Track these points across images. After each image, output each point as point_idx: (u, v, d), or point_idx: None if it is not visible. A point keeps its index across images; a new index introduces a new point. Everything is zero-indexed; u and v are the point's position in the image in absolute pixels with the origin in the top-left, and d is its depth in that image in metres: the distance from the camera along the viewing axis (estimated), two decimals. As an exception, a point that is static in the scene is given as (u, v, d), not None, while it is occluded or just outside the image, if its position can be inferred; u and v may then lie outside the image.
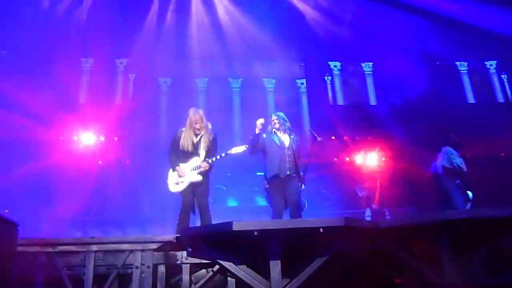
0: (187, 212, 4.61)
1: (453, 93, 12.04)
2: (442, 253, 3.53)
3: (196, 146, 4.74)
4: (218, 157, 4.79)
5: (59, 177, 8.88)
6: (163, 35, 11.15)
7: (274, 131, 5.07)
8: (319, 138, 5.33)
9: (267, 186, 5.07)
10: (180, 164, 4.68)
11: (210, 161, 4.70)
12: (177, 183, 4.67)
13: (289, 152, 4.96)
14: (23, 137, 8.88)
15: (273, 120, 5.13)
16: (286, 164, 4.88)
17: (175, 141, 4.80)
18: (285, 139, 5.04)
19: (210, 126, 4.93)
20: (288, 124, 5.22)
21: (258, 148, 5.01)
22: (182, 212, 4.60)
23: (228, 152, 4.85)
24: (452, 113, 11.04)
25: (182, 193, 4.65)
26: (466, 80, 12.29)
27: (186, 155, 4.71)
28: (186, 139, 4.72)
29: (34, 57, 9.99)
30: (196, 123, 4.73)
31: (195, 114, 4.80)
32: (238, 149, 4.91)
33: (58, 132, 9.50)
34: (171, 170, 4.75)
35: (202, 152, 4.74)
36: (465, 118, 10.64)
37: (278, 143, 4.99)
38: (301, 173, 5.08)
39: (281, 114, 5.30)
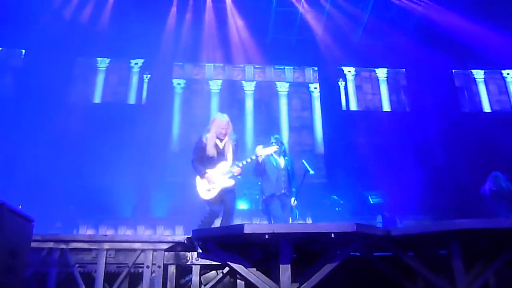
0: (213, 218, 4.61)
1: (468, 101, 11.92)
2: (454, 263, 3.48)
3: (222, 151, 4.72)
4: (248, 160, 4.82)
5: (73, 176, 9.00)
6: (179, 37, 11.26)
7: (272, 153, 5.38)
8: (311, 171, 5.87)
9: (264, 198, 5.57)
10: (208, 171, 4.63)
11: (240, 164, 4.70)
12: (209, 190, 4.62)
13: (283, 172, 5.55)
14: (38, 135, 9.04)
15: (272, 143, 5.51)
16: (281, 184, 5.48)
17: (199, 147, 4.75)
18: (281, 160, 5.52)
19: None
20: (284, 147, 5.75)
21: (262, 171, 5.46)
22: (207, 218, 4.58)
23: (258, 155, 4.94)
24: (462, 121, 10.95)
25: (212, 200, 4.61)
26: (482, 88, 12.13)
27: (213, 161, 4.68)
28: (212, 144, 4.70)
29: (52, 56, 10.16)
30: (223, 128, 4.73)
31: (222, 119, 4.80)
32: (267, 151, 5.00)
33: (71, 130, 9.61)
34: (198, 178, 4.69)
35: (229, 156, 4.72)
36: (482, 126, 10.52)
37: (275, 164, 5.50)
38: (293, 189, 5.71)
39: (278, 136, 5.79)
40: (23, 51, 11.12)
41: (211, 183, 4.61)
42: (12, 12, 10.04)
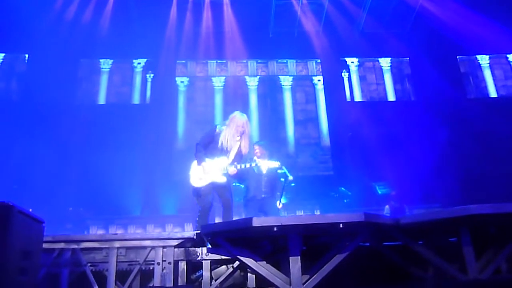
0: (207, 210, 4.60)
1: (473, 87, 11.82)
2: (465, 250, 3.47)
3: (227, 147, 4.72)
4: (248, 165, 4.79)
5: (81, 177, 9.07)
6: (180, 35, 11.27)
7: (255, 159, 5.38)
8: (290, 177, 5.71)
9: (244, 205, 5.81)
10: (207, 160, 4.63)
11: (238, 166, 4.68)
12: (200, 179, 4.60)
13: (265, 178, 5.70)
14: (46, 138, 9.11)
15: (256, 150, 5.65)
16: (261, 188, 5.69)
17: (209, 135, 4.76)
18: (264, 165, 5.29)
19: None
20: (268, 152, 5.76)
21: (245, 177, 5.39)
22: (202, 210, 4.59)
23: (259, 165, 4.96)
24: (468, 107, 10.86)
25: (203, 190, 4.60)
26: (487, 74, 12.02)
27: (215, 153, 4.67)
28: (227, 138, 4.68)
29: (55, 59, 10.21)
30: (239, 126, 4.71)
31: (241, 118, 4.78)
32: (269, 164, 5.12)
33: (78, 132, 9.68)
34: (194, 163, 4.67)
35: (232, 154, 4.71)
36: (488, 112, 10.44)
37: (256, 170, 5.46)
38: (278, 193, 5.84)
39: (263, 143, 5.87)
40: (27, 55, 11.18)
41: (205, 173, 4.59)
42: (14, 18, 10.10)
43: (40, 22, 10.23)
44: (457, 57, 11.85)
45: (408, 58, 12.09)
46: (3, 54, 11.24)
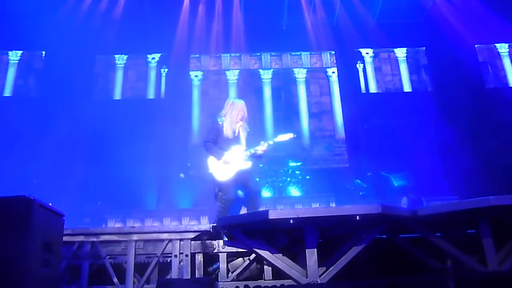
0: (230, 203, 4.57)
1: (492, 76, 11.56)
2: (484, 241, 3.42)
3: (236, 135, 4.72)
4: (270, 142, 4.72)
5: (98, 171, 9.20)
6: (194, 29, 11.29)
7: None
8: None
9: None
10: (224, 153, 4.60)
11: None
12: (225, 172, 4.56)
13: None
14: (63, 134, 9.26)
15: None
16: None
17: (214, 129, 4.74)
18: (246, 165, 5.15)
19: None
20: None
21: None
22: (225, 203, 4.54)
23: (275, 139, 4.79)
24: (487, 97, 10.64)
25: (226, 184, 4.56)
26: (507, 62, 11.72)
27: (228, 144, 4.65)
28: (228, 126, 4.69)
29: (71, 56, 10.35)
30: (239, 110, 4.73)
31: (238, 102, 4.82)
32: (284, 137, 4.86)
33: (94, 127, 9.81)
34: (212, 160, 4.63)
35: (243, 139, 4.71)
36: (508, 102, 10.22)
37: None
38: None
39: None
40: (44, 52, 11.36)
41: (227, 165, 4.56)
42: (30, 16, 10.24)
43: (56, 19, 10.36)
44: (475, 45, 11.57)
45: (424, 48, 11.88)
46: (20, 52, 11.43)
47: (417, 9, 11.15)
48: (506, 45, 11.74)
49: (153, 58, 11.78)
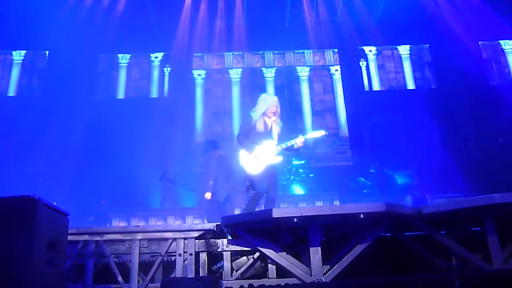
0: (258, 200, 4.63)
1: (496, 73, 11.49)
2: (489, 239, 3.41)
3: (269, 130, 4.78)
4: (307, 136, 4.79)
5: (102, 171, 9.22)
6: (196, 28, 11.30)
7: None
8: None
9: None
10: (256, 147, 4.67)
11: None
12: (255, 165, 4.62)
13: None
14: (67, 133, 9.31)
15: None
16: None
17: (247, 123, 4.85)
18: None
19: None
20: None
21: None
22: (252, 200, 4.60)
23: (307, 136, 4.84)
24: (493, 94, 10.58)
25: (259, 177, 4.62)
26: (511, 59, 11.65)
27: (260, 138, 4.71)
28: (261, 121, 4.75)
29: (74, 55, 10.38)
30: (273, 106, 4.76)
31: (271, 98, 4.86)
32: (316, 134, 4.95)
33: (98, 126, 9.83)
34: (243, 153, 4.72)
35: (275, 135, 4.77)
36: (509, 99, 10.15)
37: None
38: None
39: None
40: (47, 52, 11.39)
41: (258, 159, 4.62)
42: (34, 15, 10.27)
43: (59, 19, 10.39)
44: (479, 42, 11.51)
45: (428, 45, 11.82)
46: (24, 51, 11.47)
47: (420, 6, 11.10)
48: (511, 41, 11.66)
49: (156, 57, 11.79)
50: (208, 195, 6.26)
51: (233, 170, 6.30)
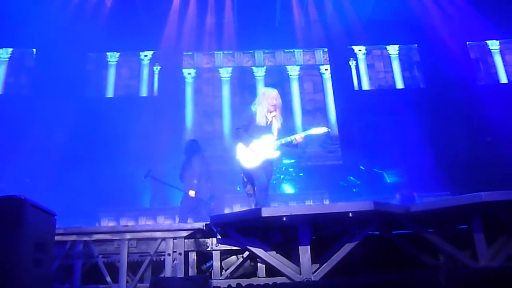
0: (265, 190, 4.55)
1: (484, 73, 11.65)
2: (476, 237, 3.46)
3: (269, 125, 4.71)
4: (308, 132, 4.75)
5: (91, 170, 9.14)
6: (186, 27, 11.25)
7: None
8: None
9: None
10: (254, 141, 4.61)
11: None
12: (252, 159, 4.56)
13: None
14: (55, 132, 9.21)
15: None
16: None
17: (246, 117, 4.79)
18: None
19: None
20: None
21: None
22: (259, 192, 4.50)
23: (308, 132, 4.80)
24: (480, 94, 10.71)
25: (257, 170, 4.55)
26: (498, 59, 11.81)
27: (259, 132, 4.65)
28: (261, 115, 4.68)
29: (63, 53, 10.25)
30: (273, 99, 4.70)
31: (271, 92, 4.79)
32: (318, 130, 4.87)
33: (87, 125, 9.75)
34: (240, 146, 4.67)
35: (274, 129, 4.71)
36: (497, 99, 10.30)
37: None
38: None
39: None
40: (35, 50, 11.24)
41: (256, 153, 4.56)
42: (21, 12, 10.13)
43: (47, 16, 10.25)
44: (467, 43, 11.65)
45: (416, 45, 11.92)
46: (11, 49, 11.30)
47: (409, 6, 11.18)
48: (497, 42, 11.82)
49: (146, 56, 11.71)
50: (192, 193, 6.30)
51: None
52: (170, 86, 11.18)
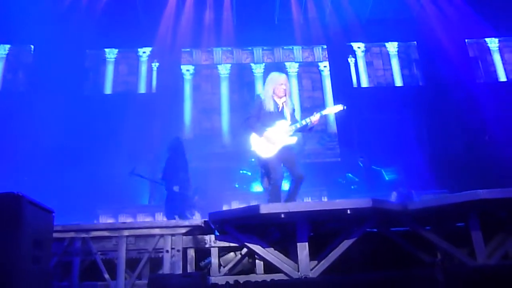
0: (279, 185, 4.29)
1: (483, 71, 11.65)
2: (473, 235, 3.47)
3: (280, 110, 4.48)
4: (322, 113, 4.55)
5: (90, 167, 9.13)
6: (185, 23, 11.22)
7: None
8: None
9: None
10: (267, 129, 4.35)
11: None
12: (268, 148, 4.30)
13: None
14: (54, 129, 9.18)
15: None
16: None
17: (256, 104, 4.49)
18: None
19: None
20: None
21: None
22: (273, 188, 4.27)
23: (324, 112, 4.62)
24: (479, 92, 10.72)
25: (274, 162, 4.28)
26: (496, 57, 11.81)
27: (271, 119, 4.40)
28: (270, 100, 4.44)
29: (61, 50, 10.22)
30: (281, 84, 4.49)
31: (279, 76, 4.60)
32: (334, 109, 4.71)
33: (85, 122, 9.73)
34: (254, 137, 4.38)
35: (287, 114, 4.48)
36: (495, 97, 10.32)
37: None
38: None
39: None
40: (32, 46, 11.20)
41: (271, 142, 4.29)
42: (18, 9, 10.08)
43: (44, 12, 10.19)
44: (466, 40, 11.65)
45: (415, 42, 11.92)
46: (8, 46, 11.27)
47: (408, 4, 11.17)
48: (496, 40, 11.82)
49: (144, 52, 11.68)
50: (176, 188, 6.53)
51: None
52: (168, 82, 11.16)
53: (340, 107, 4.66)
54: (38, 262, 2.71)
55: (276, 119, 4.43)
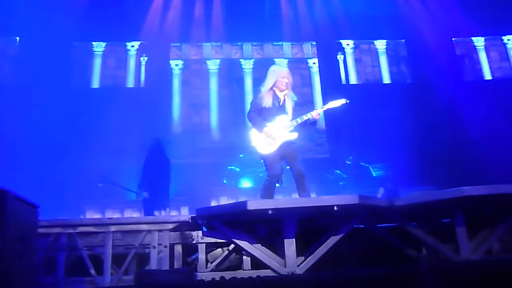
0: (275, 181, 4.31)
1: (469, 69, 11.80)
2: (458, 230, 3.52)
3: (281, 105, 4.41)
4: (325, 107, 4.55)
5: (76, 162, 9.02)
6: (174, 17, 11.12)
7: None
8: None
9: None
10: (268, 124, 4.31)
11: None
12: (269, 144, 4.27)
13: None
14: (39, 122, 9.05)
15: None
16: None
17: (256, 100, 4.47)
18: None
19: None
20: None
21: None
22: (268, 182, 4.29)
23: (326, 106, 4.61)
24: (466, 90, 10.86)
25: (272, 159, 4.28)
26: (482, 56, 11.96)
27: (271, 114, 4.35)
28: (270, 95, 4.39)
29: (47, 42, 10.04)
30: (283, 77, 4.41)
31: (281, 69, 4.55)
32: (336, 103, 4.65)
33: (72, 116, 9.61)
34: (254, 132, 4.36)
35: (289, 109, 4.41)
36: (481, 95, 10.46)
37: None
38: None
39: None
40: (18, 38, 10.99)
41: (271, 137, 4.27)
42: (3, -1, 9.88)
43: (30, 3, 10.00)
44: (453, 39, 11.77)
45: (404, 40, 12.00)
46: (-8, 37, 11.04)
47: (397, 2, 11.24)
48: (482, 38, 11.96)
49: (133, 46, 11.54)
50: (146, 194, 6.90)
51: None
52: (157, 77, 11.05)
53: (342, 101, 4.64)
54: (22, 257, 2.67)
55: (277, 113, 4.39)
